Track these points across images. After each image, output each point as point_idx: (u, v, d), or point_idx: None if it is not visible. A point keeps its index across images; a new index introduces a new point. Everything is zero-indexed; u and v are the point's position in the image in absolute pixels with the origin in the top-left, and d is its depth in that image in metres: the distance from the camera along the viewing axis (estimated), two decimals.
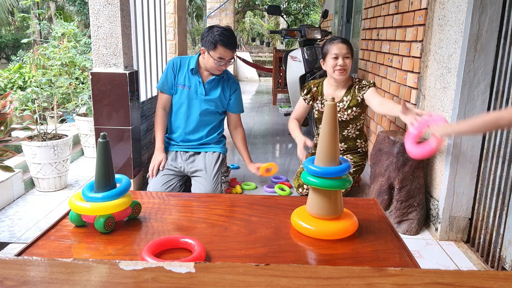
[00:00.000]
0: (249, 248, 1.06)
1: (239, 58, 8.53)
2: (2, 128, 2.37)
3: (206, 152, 2.52)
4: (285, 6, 14.52)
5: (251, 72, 10.72)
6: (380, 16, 3.36)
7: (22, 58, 7.54)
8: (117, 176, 1.17)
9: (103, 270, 0.51)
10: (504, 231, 1.92)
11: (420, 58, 2.51)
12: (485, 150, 2.11)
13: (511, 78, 1.92)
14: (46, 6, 13.61)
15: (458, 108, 2.09)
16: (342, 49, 2.49)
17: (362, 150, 2.77)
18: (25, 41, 5.60)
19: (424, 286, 0.49)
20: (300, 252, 1.06)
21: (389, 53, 3.08)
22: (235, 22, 10.73)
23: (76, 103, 3.95)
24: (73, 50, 4.54)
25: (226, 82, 2.52)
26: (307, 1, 14.35)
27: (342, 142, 2.72)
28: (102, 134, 1.09)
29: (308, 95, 2.69)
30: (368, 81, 2.57)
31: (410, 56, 2.66)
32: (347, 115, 2.60)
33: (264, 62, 13.61)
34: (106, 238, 1.09)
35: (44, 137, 2.90)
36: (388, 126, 3.07)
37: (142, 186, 2.92)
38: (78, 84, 4.51)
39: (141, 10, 3.06)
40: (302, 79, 4.36)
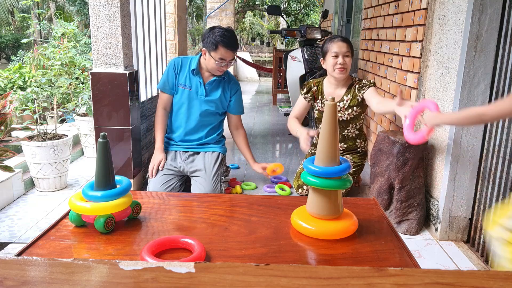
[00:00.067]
0: (249, 248, 1.06)
1: (239, 58, 8.53)
2: (2, 128, 2.37)
3: (206, 152, 2.52)
4: (285, 6, 14.52)
5: (251, 72, 10.72)
6: (380, 16, 3.36)
7: (22, 58, 7.54)
8: (117, 178, 1.17)
9: (103, 270, 0.51)
10: None
11: (420, 58, 2.51)
12: (485, 150, 2.11)
13: (511, 78, 1.92)
14: (46, 6, 13.61)
15: (458, 108, 2.09)
16: (342, 47, 2.48)
17: (362, 150, 2.76)
18: (25, 41, 5.59)
19: (424, 286, 0.49)
20: (300, 252, 1.06)
21: (389, 53, 3.08)
22: (235, 22, 10.73)
23: (76, 103, 3.95)
24: (73, 50, 4.54)
25: (227, 84, 2.52)
26: (307, 1, 14.34)
27: (342, 142, 2.71)
28: (102, 134, 1.09)
29: (308, 94, 2.67)
30: (368, 80, 2.56)
31: (410, 56, 2.66)
32: (348, 115, 2.59)
33: (264, 62, 13.61)
34: (106, 238, 1.09)
35: (44, 137, 2.90)
36: (388, 126, 3.07)
37: (142, 186, 2.93)
38: (78, 84, 4.51)
39: (141, 10, 3.06)
40: (302, 79, 4.36)
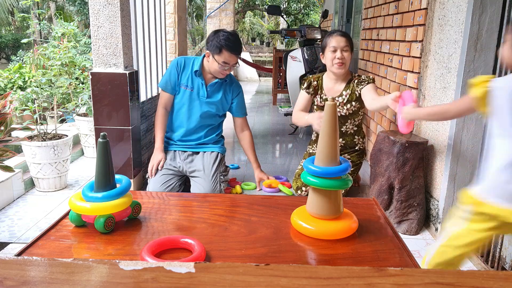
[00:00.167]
0: (249, 248, 1.06)
1: (239, 58, 8.53)
2: (2, 128, 2.37)
3: (205, 152, 2.52)
4: (285, 6, 14.50)
5: (251, 72, 10.72)
6: (380, 16, 3.36)
7: (22, 58, 7.54)
8: (117, 176, 1.17)
9: (103, 270, 0.51)
10: None
11: (420, 58, 2.51)
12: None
13: None
14: (46, 6, 13.60)
15: None
16: (340, 42, 2.46)
17: (360, 148, 2.76)
18: (25, 41, 5.59)
19: (424, 286, 0.49)
20: (300, 252, 1.06)
21: (389, 53, 3.08)
22: (235, 22, 10.72)
23: (76, 103, 3.95)
24: (73, 50, 4.54)
25: (228, 86, 2.53)
26: (307, 1, 14.33)
27: (340, 138, 2.70)
28: (102, 134, 1.09)
29: (310, 88, 2.67)
30: (367, 76, 2.56)
31: (410, 56, 2.66)
32: (346, 110, 2.59)
33: (264, 62, 13.60)
34: (106, 238, 1.09)
35: (44, 137, 2.90)
36: (388, 126, 3.07)
37: (142, 186, 2.92)
38: (78, 84, 4.51)
39: (141, 10, 3.06)
40: (302, 79, 4.36)
